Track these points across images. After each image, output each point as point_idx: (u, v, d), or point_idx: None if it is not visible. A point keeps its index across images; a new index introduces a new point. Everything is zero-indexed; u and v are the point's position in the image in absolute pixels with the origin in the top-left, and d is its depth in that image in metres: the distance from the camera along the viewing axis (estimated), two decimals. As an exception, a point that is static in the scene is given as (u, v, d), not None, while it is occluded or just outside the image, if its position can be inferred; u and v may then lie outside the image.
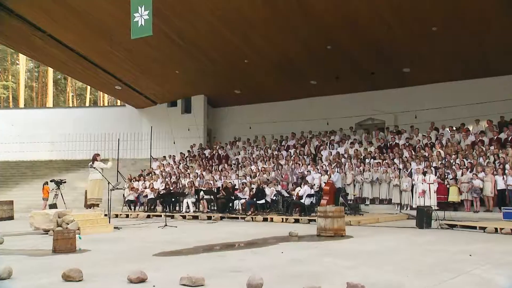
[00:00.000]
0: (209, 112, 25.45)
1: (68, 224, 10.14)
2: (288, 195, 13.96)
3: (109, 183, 11.24)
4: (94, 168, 11.28)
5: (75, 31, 18.61)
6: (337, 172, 13.81)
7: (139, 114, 26.50)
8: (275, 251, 7.29)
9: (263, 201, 13.59)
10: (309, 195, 13.05)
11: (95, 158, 11.66)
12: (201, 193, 15.36)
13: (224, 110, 25.53)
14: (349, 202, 14.57)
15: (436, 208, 13.86)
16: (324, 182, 14.27)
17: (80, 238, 7.75)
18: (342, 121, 20.83)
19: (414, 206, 14.45)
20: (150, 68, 21.61)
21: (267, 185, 14.34)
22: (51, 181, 18.09)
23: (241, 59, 19.91)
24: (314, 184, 14.58)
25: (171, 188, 15.99)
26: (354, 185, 15.92)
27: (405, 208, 14.71)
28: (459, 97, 18.83)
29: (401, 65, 18.96)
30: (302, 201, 13.08)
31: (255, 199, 13.60)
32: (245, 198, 14.13)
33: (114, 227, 11.00)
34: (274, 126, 22.24)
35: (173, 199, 15.28)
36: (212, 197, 15.28)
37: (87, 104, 42.78)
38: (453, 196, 13.84)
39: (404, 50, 17.69)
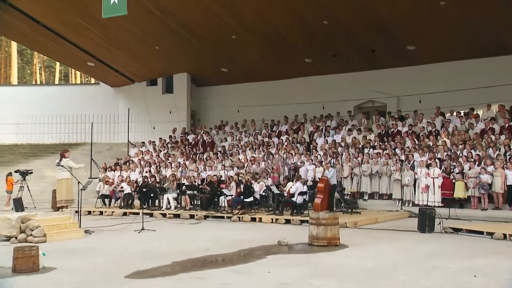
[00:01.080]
0: (193, 92, 25.13)
1: (32, 230, 9.94)
2: (278, 192, 13.83)
3: (79, 183, 11.01)
4: (62, 166, 11.01)
5: (41, 1, 18.05)
6: (332, 167, 13.66)
7: (115, 93, 26.06)
8: (262, 269, 7.18)
9: (251, 198, 13.47)
10: (301, 193, 12.94)
11: (63, 155, 11.38)
12: (183, 187, 15.16)
13: (209, 90, 25.18)
14: (346, 197, 14.50)
15: (441, 204, 13.94)
16: (319, 178, 14.15)
17: (44, 254, 7.57)
18: (340, 104, 20.66)
19: (416, 202, 14.50)
20: (127, 43, 21.18)
21: (256, 181, 14.18)
22: (15, 171, 17.81)
23: (229, 35, 19.55)
24: (307, 180, 14.47)
25: (150, 182, 15.78)
26: (352, 178, 15.87)
27: (406, 204, 14.72)
28: (468, 78, 18.72)
29: (404, 42, 18.72)
30: (293, 199, 12.95)
31: (242, 197, 13.46)
32: (232, 195, 13.98)
33: (85, 231, 10.83)
34: (264, 108, 22.01)
35: (152, 195, 15.09)
36: (195, 192, 15.12)
37: (57, 78, 41.95)
38: (459, 192, 13.86)
39: (408, 26, 17.41)
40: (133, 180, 17.98)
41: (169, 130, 23.02)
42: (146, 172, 18.34)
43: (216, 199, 14.95)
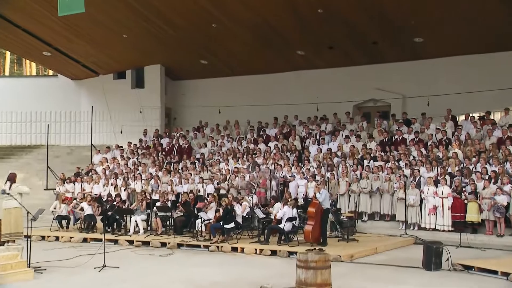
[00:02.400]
0: (168, 87, 24.88)
1: (-29, 273, 9.63)
2: (264, 216, 13.65)
3: (28, 212, 10.71)
4: (9, 194, 10.69)
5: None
6: (325, 188, 13.50)
7: (77, 87, 25.66)
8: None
9: (232, 224, 13.28)
10: (289, 219, 12.77)
11: (12, 179, 11.04)
12: (154, 208, 14.94)
13: (186, 84, 24.90)
14: (342, 219, 14.38)
15: (451, 229, 13.89)
16: (311, 199, 13.99)
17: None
18: (336, 101, 20.47)
19: (423, 225, 14.44)
20: (90, 31, 20.87)
21: (238, 202, 13.99)
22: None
23: (208, 23, 19.31)
24: (297, 202, 14.31)
25: (115, 201, 15.50)
26: (349, 196, 15.75)
27: (411, 228, 14.64)
28: (484, 75, 18.65)
29: (411, 33, 18.60)
30: (281, 225, 12.78)
31: (221, 223, 13.26)
32: (210, 220, 13.78)
33: (35, 270, 10.55)
34: (250, 107, 21.77)
35: (117, 217, 14.85)
36: (168, 214, 14.91)
37: (7, 69, 41.02)
38: (472, 215, 13.80)
39: (416, 14, 17.22)
40: (96, 195, 17.73)
41: (140, 132, 22.71)
42: (112, 184, 18.07)
43: (192, 220, 14.74)
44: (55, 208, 15.77)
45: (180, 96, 24.99)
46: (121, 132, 22.32)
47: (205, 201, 14.80)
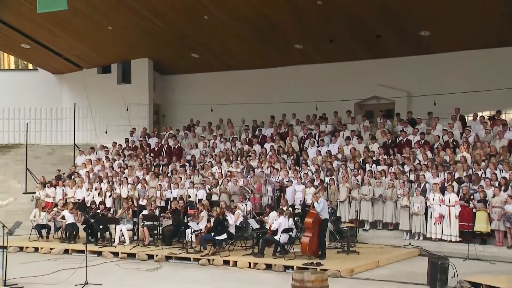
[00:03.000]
0: (157, 82, 24.78)
1: None
2: (258, 226, 13.60)
3: (4, 226, 10.63)
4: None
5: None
6: (323, 196, 13.46)
7: (58, 82, 25.52)
8: None
9: (224, 236, 13.22)
10: (285, 230, 12.72)
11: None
12: (141, 217, 14.87)
13: (176, 79, 24.79)
14: (342, 229, 14.34)
15: (458, 239, 13.89)
16: (308, 208, 13.94)
17: None
18: (337, 98, 20.34)
19: (428, 235, 14.44)
20: (72, 22, 20.70)
21: (231, 211, 13.93)
22: None
23: (200, 14, 19.20)
24: (294, 209, 14.27)
25: (99, 208, 15.40)
26: (350, 203, 15.72)
27: (416, 238, 14.62)
28: (496, 71, 18.61)
29: (417, 26, 18.54)
30: (276, 237, 12.73)
31: (213, 234, 13.20)
32: (200, 230, 13.72)
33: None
34: (245, 104, 21.67)
35: (101, 226, 14.77)
36: (155, 223, 14.84)
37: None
38: (481, 225, 13.78)
39: (422, 6, 17.17)
40: (79, 200, 17.65)
41: (126, 131, 22.59)
42: (96, 189, 17.98)
43: (182, 229, 14.68)
44: (34, 217, 15.64)
45: (169, 92, 24.87)
46: (106, 132, 22.15)
47: (196, 210, 14.67)
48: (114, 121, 23.21)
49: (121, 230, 14.80)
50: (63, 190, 18.28)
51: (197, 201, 16.51)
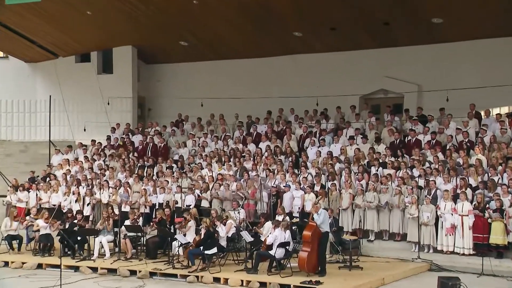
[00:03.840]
0: (142, 72, 24.75)
1: None
2: (252, 239, 13.56)
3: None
4: None
5: None
6: (324, 202, 13.42)
7: (32, 71, 25.41)
8: None
9: (214, 250, 13.19)
10: (282, 244, 12.69)
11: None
12: (123, 229, 14.82)
13: (163, 69, 24.70)
14: (345, 240, 14.33)
15: (472, 252, 13.89)
16: (307, 216, 13.89)
17: None
18: (339, 92, 20.29)
19: (439, 247, 14.43)
20: (47, 6, 20.48)
21: (222, 221, 13.89)
22: None
23: (189, -1, 19.12)
24: (293, 214, 14.24)
25: (76, 218, 15.34)
26: (353, 211, 15.69)
27: (426, 250, 14.61)
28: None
29: (429, 12, 18.51)
30: (271, 252, 12.70)
31: (202, 248, 13.17)
32: (188, 244, 13.68)
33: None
34: (238, 99, 21.58)
35: (79, 238, 14.72)
36: (139, 234, 14.80)
37: None
38: (497, 237, 13.73)
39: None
40: (54, 205, 17.58)
41: (107, 127, 22.49)
42: (74, 193, 17.91)
43: (168, 240, 14.64)
44: (5, 227, 15.57)
45: (155, 83, 24.81)
46: (84, 130, 22.07)
47: (182, 219, 14.62)
48: (94, 116, 23.18)
49: (100, 242, 14.73)
50: (37, 194, 18.17)
51: (185, 206, 16.56)
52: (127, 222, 15.00)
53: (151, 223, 15.19)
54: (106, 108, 22.94)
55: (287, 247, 12.95)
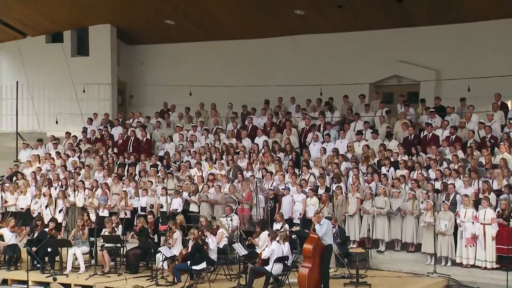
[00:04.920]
0: (122, 54, 24.76)
1: None
2: (246, 252, 13.60)
3: None
4: None
5: None
6: (326, 218, 13.40)
7: (-6, 52, 25.44)
8: None
9: (202, 265, 13.24)
10: (279, 259, 12.74)
11: None
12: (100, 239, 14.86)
13: (146, 50, 24.66)
14: (350, 254, 14.39)
15: (495, 266, 13.93)
16: (309, 221, 13.84)
17: None
18: (347, 79, 20.32)
19: (458, 260, 14.44)
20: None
21: (212, 232, 13.93)
22: None
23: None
24: (293, 228, 14.27)
25: (47, 226, 15.34)
26: (361, 218, 15.73)
27: (443, 263, 14.65)
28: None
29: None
30: (268, 267, 12.75)
31: (189, 263, 13.23)
32: (173, 257, 13.73)
33: None
34: (232, 82, 21.58)
35: (49, 249, 14.76)
36: (118, 245, 14.84)
37: None
38: (523, 249, 13.80)
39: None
40: (22, 209, 17.60)
41: (83, 118, 22.51)
42: (45, 195, 17.92)
43: (152, 251, 14.70)
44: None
45: (138, 67, 24.83)
46: (56, 122, 22.04)
47: (168, 230, 14.65)
48: (67, 105, 23.24)
49: (74, 254, 14.75)
50: (1, 196, 18.18)
51: (171, 210, 16.66)
52: (105, 231, 15.03)
53: (131, 234, 15.18)
54: (81, 96, 22.93)
55: (286, 262, 13.00)
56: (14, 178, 19.27)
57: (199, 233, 13.69)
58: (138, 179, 18.25)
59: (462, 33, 20.04)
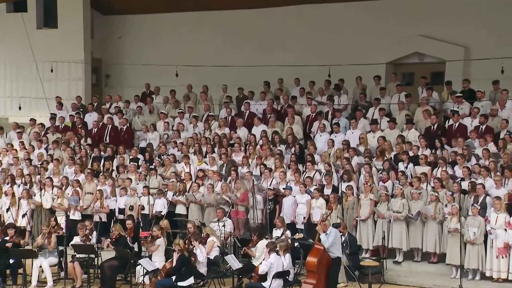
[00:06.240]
0: (97, 26, 24.81)
1: None
2: (241, 266, 13.66)
3: None
4: None
5: None
6: (333, 225, 13.43)
7: None
8: None
9: (190, 280, 13.29)
10: (279, 274, 12.79)
11: None
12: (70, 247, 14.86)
13: (125, 21, 24.60)
14: (362, 266, 14.43)
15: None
16: (315, 226, 13.90)
17: None
18: (359, 57, 20.32)
19: (488, 273, 14.48)
20: None
21: (201, 241, 13.94)
22: None
23: None
24: (296, 235, 14.31)
25: (7, 235, 15.34)
26: (375, 223, 15.75)
27: (470, 276, 14.71)
28: None
29: None
30: (265, 284, 12.80)
31: (174, 278, 13.29)
32: (155, 271, 13.78)
33: None
34: (226, 62, 21.54)
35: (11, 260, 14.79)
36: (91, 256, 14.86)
37: None
38: (563, 261, 13.86)
39: None
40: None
41: (51, 102, 22.53)
42: (6, 194, 17.95)
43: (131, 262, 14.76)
44: None
45: (115, 41, 24.88)
46: (19, 107, 22.04)
47: (149, 235, 14.68)
48: (32, 86, 23.35)
49: (40, 266, 14.77)
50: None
51: (154, 212, 16.71)
52: (76, 239, 15.04)
53: (107, 242, 15.16)
54: (49, 76, 22.99)
55: (287, 277, 13.06)
56: (-30, 175, 19.23)
57: (185, 243, 13.67)
58: (116, 176, 18.26)
59: (495, 4, 19.99)
